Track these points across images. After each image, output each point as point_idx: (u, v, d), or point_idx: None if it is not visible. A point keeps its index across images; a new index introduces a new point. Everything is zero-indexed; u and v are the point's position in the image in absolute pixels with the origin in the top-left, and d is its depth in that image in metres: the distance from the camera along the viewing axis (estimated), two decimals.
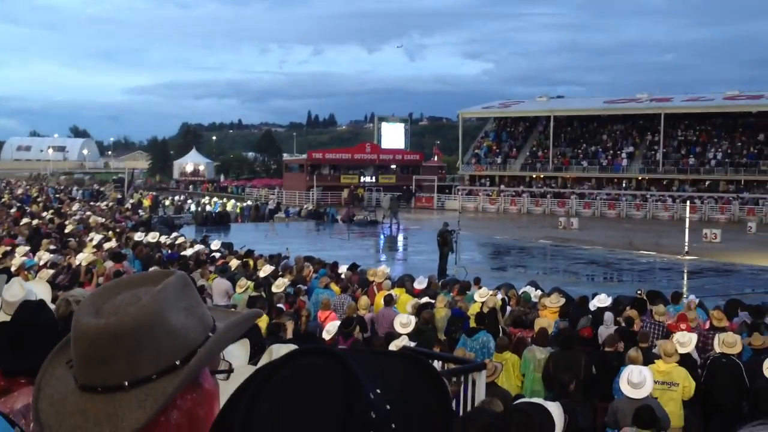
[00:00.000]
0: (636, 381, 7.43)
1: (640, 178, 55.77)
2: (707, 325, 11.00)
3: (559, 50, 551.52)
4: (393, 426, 0.98)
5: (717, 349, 9.24)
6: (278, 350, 1.88)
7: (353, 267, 17.39)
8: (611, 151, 59.06)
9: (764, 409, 8.16)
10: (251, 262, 17.74)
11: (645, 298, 13.14)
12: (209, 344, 1.29)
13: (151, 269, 14.95)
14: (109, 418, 1.20)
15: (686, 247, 28.43)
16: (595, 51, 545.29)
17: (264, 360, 1.91)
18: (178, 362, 1.24)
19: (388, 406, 0.99)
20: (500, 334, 10.22)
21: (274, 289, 13.28)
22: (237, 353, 2.12)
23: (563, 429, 4.74)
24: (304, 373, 0.98)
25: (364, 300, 12.10)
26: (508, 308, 12.89)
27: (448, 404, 1.07)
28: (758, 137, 54.19)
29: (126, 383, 1.21)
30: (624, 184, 56.18)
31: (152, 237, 21.49)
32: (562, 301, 12.64)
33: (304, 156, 71.47)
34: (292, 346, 1.94)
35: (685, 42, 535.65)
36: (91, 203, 42.78)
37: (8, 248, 17.54)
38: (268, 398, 0.96)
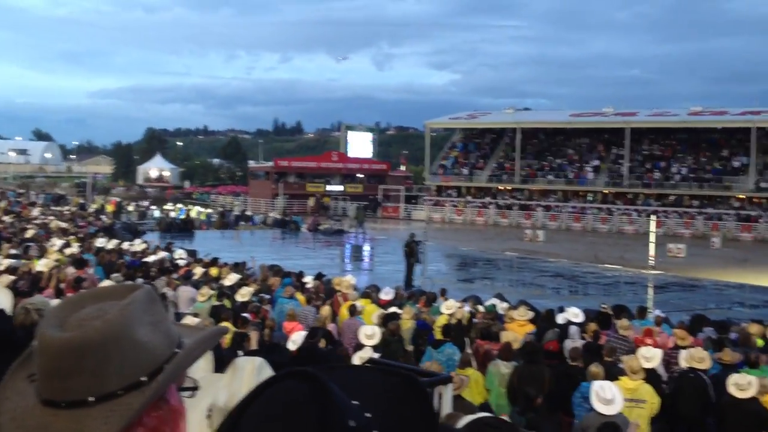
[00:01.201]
0: (608, 397, 7.35)
1: (605, 191, 56.31)
2: (671, 343, 10.98)
3: (527, 63, 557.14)
4: None
5: (684, 364, 9.21)
6: (243, 364, 1.80)
7: (319, 276, 17.21)
8: (577, 164, 59.59)
9: (730, 424, 8.17)
10: (215, 271, 17.47)
11: (610, 312, 13.12)
12: (177, 360, 1.26)
13: (114, 278, 14.66)
14: None
15: (651, 262, 28.68)
16: (562, 64, 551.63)
17: (228, 374, 1.83)
18: (144, 378, 1.22)
19: None
20: (466, 348, 10.12)
21: (238, 298, 13.08)
22: (200, 365, 1.98)
23: None
24: (280, 398, 0.98)
25: (325, 310, 11.94)
26: (474, 320, 12.81)
27: (435, 424, 1.07)
28: (722, 153, 55.06)
29: (91, 399, 1.18)
30: (589, 197, 56.68)
31: (114, 243, 21.10)
32: (530, 314, 12.58)
33: (271, 163, 71.05)
34: (257, 359, 1.85)
35: (650, 57, 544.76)
36: (53, 208, 42.02)
37: None
38: (247, 426, 0.97)
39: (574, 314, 12.09)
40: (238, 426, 0.99)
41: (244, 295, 13.20)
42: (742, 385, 8.09)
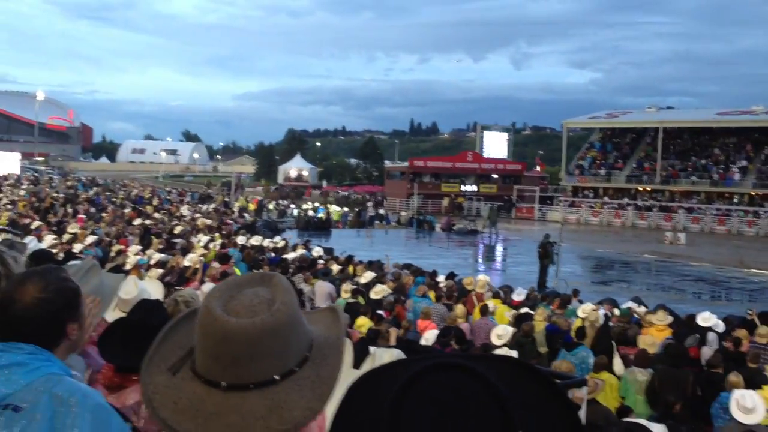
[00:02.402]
0: (749, 406, 7.15)
1: (753, 193, 53.37)
2: None
3: (671, 60, 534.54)
4: None
5: None
6: (381, 355, 1.93)
7: (451, 276, 17.41)
8: (723, 165, 56.81)
9: None
10: (351, 268, 18.03)
11: (756, 318, 12.61)
12: (336, 335, 1.40)
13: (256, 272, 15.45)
14: (272, 411, 1.25)
15: None
16: (709, 61, 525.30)
17: (367, 365, 1.96)
18: (307, 353, 1.33)
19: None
20: (612, 351, 9.98)
21: (373, 296, 13.45)
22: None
23: None
24: (452, 390, 0.90)
25: (459, 309, 12.12)
26: (610, 324, 12.64)
27: (575, 416, 0.99)
28: None
29: (276, 377, 1.27)
30: (735, 199, 53.89)
31: (256, 240, 22.10)
32: (669, 319, 12.29)
33: (406, 163, 71.82)
34: (395, 351, 1.97)
35: None
36: (200, 205, 44.34)
37: (122, 247, 18.42)
38: (410, 420, 0.89)
39: (704, 319, 11.74)
40: (402, 409, 0.89)
41: (378, 292, 13.56)
42: None
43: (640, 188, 58.71)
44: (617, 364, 9.66)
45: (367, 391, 0.98)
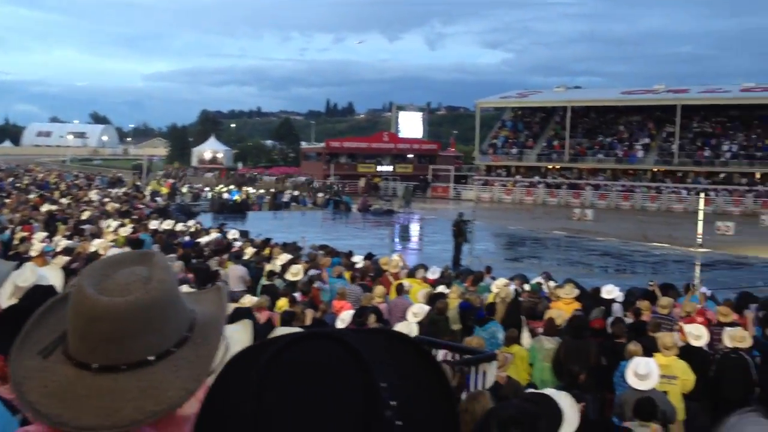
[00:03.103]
0: (643, 372, 7.49)
1: (655, 169, 55.59)
2: (714, 320, 11.07)
3: (579, 40, 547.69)
4: (398, 423, 0.92)
5: (727, 343, 9.32)
6: (281, 333, 1.96)
7: (368, 256, 17.57)
8: (627, 143, 58.88)
9: None
10: (267, 250, 17.97)
11: (657, 290, 13.23)
12: (217, 315, 1.37)
13: (169, 259, 15.24)
14: (145, 392, 1.21)
15: (699, 240, 28.43)
16: (614, 41, 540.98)
17: None
18: (187, 333, 1.29)
19: (393, 402, 0.93)
20: (521, 325, 10.31)
21: (289, 278, 13.46)
22: (239, 337, 2.22)
23: (578, 420, 4.91)
24: (314, 357, 0.93)
25: (379, 289, 12.28)
26: (520, 299, 13.03)
27: (450, 390, 1.02)
28: None
29: (151, 357, 1.22)
30: (639, 176, 56.01)
31: (168, 224, 21.75)
32: (576, 292, 12.74)
33: (322, 144, 71.62)
34: (296, 330, 1.99)
35: (703, 33, 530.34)
36: (109, 190, 43.21)
37: (26, 234, 17.77)
38: (275, 387, 0.91)
39: (607, 291, 12.27)
40: (267, 377, 0.91)
41: (295, 274, 13.58)
42: None
43: (550, 166, 60.28)
44: (525, 338, 10.01)
45: (243, 364, 0.99)
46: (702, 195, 34.66)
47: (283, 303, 10.74)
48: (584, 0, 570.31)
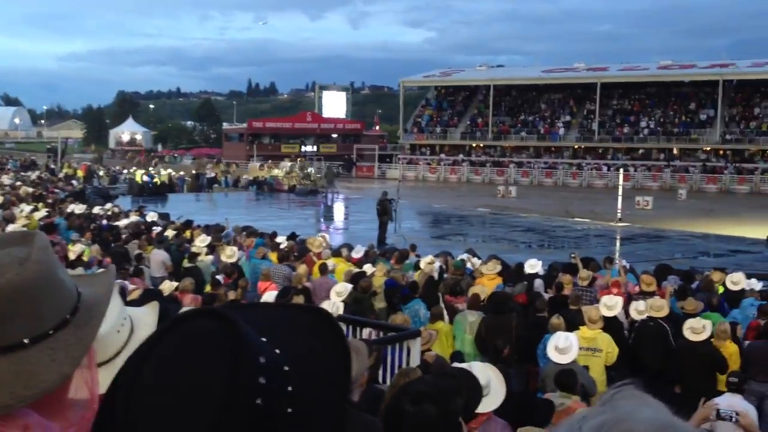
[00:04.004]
0: (562, 346, 7.55)
1: (576, 146, 56.77)
2: (637, 289, 11.31)
3: (501, 19, 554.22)
4: (289, 389, 0.94)
5: (636, 315, 9.51)
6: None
7: (292, 236, 17.35)
8: (549, 120, 59.91)
9: (686, 367, 8.52)
10: (188, 233, 17.56)
11: (578, 262, 13.42)
12: (102, 297, 1.32)
13: (83, 242, 14.72)
14: (18, 377, 1.18)
15: (619, 214, 29.13)
16: (536, 20, 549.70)
17: None
18: (68, 316, 1.25)
19: (286, 367, 0.95)
20: (438, 302, 10.33)
21: (224, 259, 13.19)
22: (146, 320, 2.08)
23: (504, 392, 4.85)
24: (188, 337, 0.94)
25: (302, 268, 12.11)
26: (445, 276, 13.04)
27: (348, 363, 1.04)
28: (690, 106, 55.61)
29: (26, 340, 1.19)
30: (561, 153, 57.12)
31: (80, 208, 21.05)
32: (499, 268, 12.82)
33: (244, 125, 70.62)
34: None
35: (622, 12, 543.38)
36: (22, 174, 41.63)
37: None
38: (151, 368, 0.93)
39: (530, 266, 12.40)
40: (147, 360, 0.93)
41: (230, 256, 13.31)
42: (696, 328, 8.43)
43: (474, 144, 60.89)
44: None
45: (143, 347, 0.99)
46: (621, 171, 35.57)
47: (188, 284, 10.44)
48: None
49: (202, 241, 15.01)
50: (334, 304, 9.20)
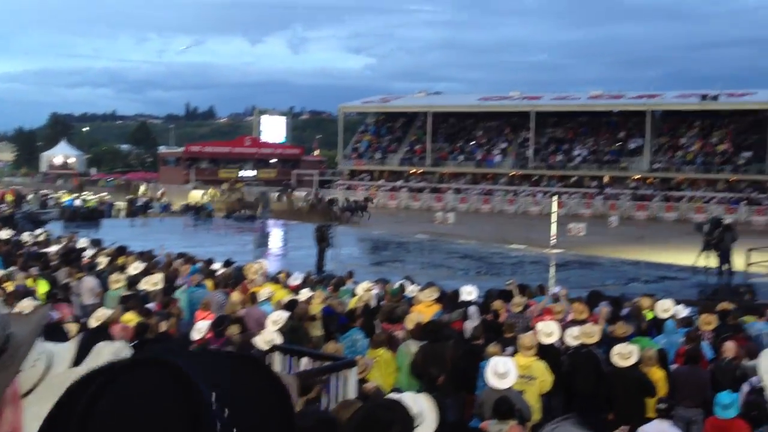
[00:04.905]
0: (501, 371, 7.63)
1: (512, 173, 57.73)
2: (568, 318, 11.50)
3: (440, 47, 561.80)
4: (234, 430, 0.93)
5: (570, 342, 9.68)
6: (100, 350, 1.80)
7: (228, 263, 17.17)
8: (486, 147, 60.84)
9: (616, 392, 8.71)
10: (122, 259, 17.21)
11: (514, 289, 13.60)
12: (27, 336, 1.29)
13: (12, 271, 14.30)
14: None
15: (553, 241, 29.69)
16: (474, 49, 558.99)
17: (91, 360, 1.82)
18: None
19: (226, 411, 0.94)
20: (375, 330, 10.35)
21: (147, 287, 12.94)
22: (65, 354, 2.03)
23: (437, 422, 4.88)
24: (134, 391, 0.90)
25: (236, 296, 11.99)
26: (382, 303, 13.06)
27: (289, 405, 1.05)
28: (619, 135, 57.20)
29: None
30: (497, 180, 58.00)
31: (8, 233, 20.49)
32: (436, 295, 12.89)
33: (182, 149, 69.77)
34: (118, 344, 1.83)
35: (557, 42, 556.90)
36: None
37: None
38: (103, 420, 0.88)
39: (467, 292, 12.52)
40: (89, 420, 0.88)
41: (155, 283, 13.06)
42: (624, 354, 8.63)
43: (413, 170, 61.37)
44: None
45: (75, 392, 0.94)
46: (555, 198, 36.25)
47: (130, 317, 10.20)
48: (445, 8, 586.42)
49: (135, 268, 14.72)
50: (271, 333, 9.12)
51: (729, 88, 56.42)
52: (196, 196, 46.71)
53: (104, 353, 1.73)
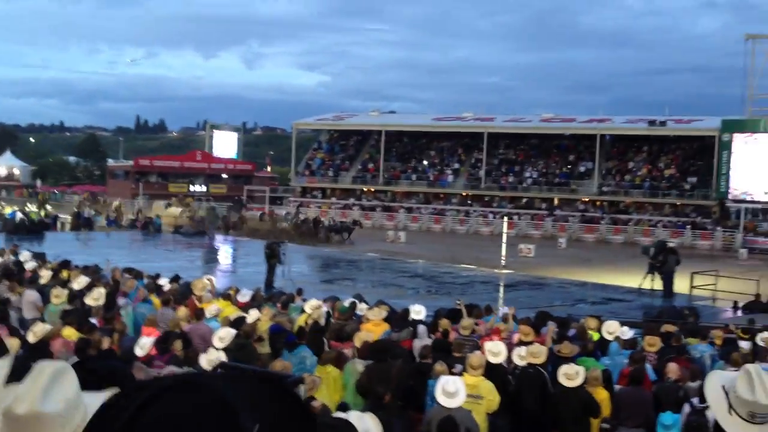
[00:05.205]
0: (451, 390, 7.65)
1: (464, 194, 58.23)
2: (515, 339, 11.58)
3: (395, 67, 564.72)
4: None
5: (519, 361, 9.76)
6: (42, 367, 1.73)
7: (175, 279, 16.91)
8: (438, 167, 61.27)
9: (561, 412, 8.78)
10: (65, 274, 16.82)
11: (463, 308, 13.66)
12: None
13: None
14: None
15: (503, 261, 29.95)
16: (428, 69, 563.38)
17: (28, 377, 1.76)
18: None
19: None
20: (325, 347, 10.28)
21: (89, 302, 12.65)
22: None
23: None
24: (179, 411, 0.91)
25: (182, 312, 11.81)
26: (332, 321, 13.00)
27: (313, 422, 1.06)
28: (569, 158, 58.20)
29: None
30: (449, 200, 58.42)
31: None
32: (385, 313, 12.88)
33: (131, 162, 68.78)
34: (60, 363, 1.77)
35: (510, 65, 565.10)
36: None
37: None
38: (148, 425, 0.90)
39: (416, 312, 12.54)
40: (133, 429, 0.90)
41: (96, 299, 12.76)
42: (570, 374, 8.71)
43: (365, 189, 61.47)
44: None
45: (109, 417, 0.95)
46: (506, 219, 36.63)
47: (69, 332, 9.96)
48: (400, 28, 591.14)
49: (79, 283, 14.38)
50: (216, 350, 8.98)
51: (676, 114, 58.02)
52: (174, 212, 45.51)
53: (46, 371, 1.67)
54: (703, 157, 53.15)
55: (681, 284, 24.28)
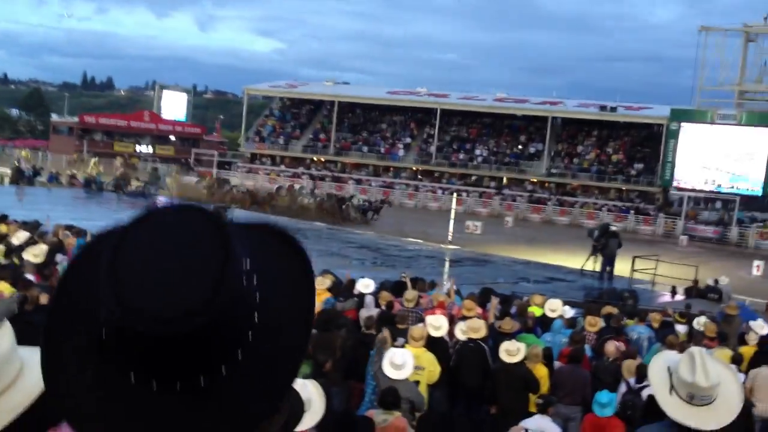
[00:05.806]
0: (398, 362, 7.67)
1: (414, 168, 58.32)
2: (459, 314, 11.66)
3: (351, 38, 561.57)
4: (258, 297, 0.95)
5: (461, 335, 9.82)
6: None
7: None
8: (390, 141, 61.19)
9: (501, 387, 8.88)
10: (3, 228, 16.33)
11: (408, 281, 13.69)
12: None
13: None
14: None
15: (450, 237, 30.12)
16: (385, 42, 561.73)
17: None
18: None
19: (255, 277, 0.95)
20: None
21: (29, 258, 12.31)
22: None
23: (324, 409, 4.80)
24: (170, 220, 0.93)
25: None
26: None
27: (311, 279, 1.06)
28: (521, 138, 58.69)
29: None
30: (399, 173, 58.47)
31: None
32: (328, 282, 12.83)
33: (76, 119, 67.06)
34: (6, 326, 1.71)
35: (466, 43, 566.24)
36: None
37: None
38: (133, 242, 0.90)
39: (365, 285, 12.52)
40: (126, 237, 0.91)
41: (36, 255, 12.41)
42: (511, 351, 8.81)
43: (315, 158, 61.10)
44: None
45: (90, 252, 0.98)
46: (455, 195, 36.82)
47: (3, 286, 9.68)
48: None
49: (18, 238, 13.97)
50: None
51: (627, 101, 58.91)
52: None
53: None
54: (650, 145, 54.13)
55: (622, 267, 24.74)
